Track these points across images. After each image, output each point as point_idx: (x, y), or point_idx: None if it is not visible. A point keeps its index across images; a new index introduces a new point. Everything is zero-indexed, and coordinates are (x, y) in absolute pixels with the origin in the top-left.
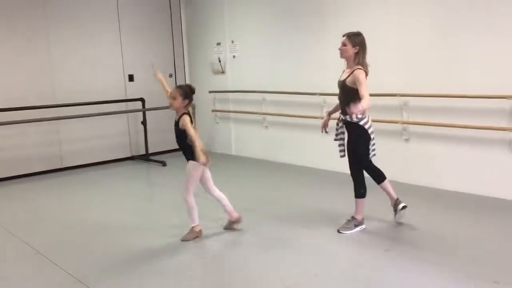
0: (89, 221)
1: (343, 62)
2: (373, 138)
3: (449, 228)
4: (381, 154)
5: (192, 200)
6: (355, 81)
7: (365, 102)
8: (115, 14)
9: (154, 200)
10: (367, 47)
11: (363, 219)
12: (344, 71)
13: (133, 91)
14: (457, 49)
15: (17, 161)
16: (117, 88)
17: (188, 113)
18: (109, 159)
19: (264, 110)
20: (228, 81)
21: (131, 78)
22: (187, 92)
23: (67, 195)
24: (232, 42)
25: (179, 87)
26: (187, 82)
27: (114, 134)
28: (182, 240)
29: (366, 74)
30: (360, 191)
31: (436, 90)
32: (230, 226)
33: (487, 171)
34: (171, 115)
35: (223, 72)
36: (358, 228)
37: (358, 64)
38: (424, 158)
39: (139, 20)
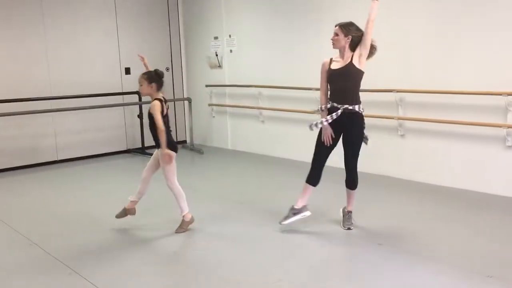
0: (84, 213)
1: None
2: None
3: (442, 223)
4: (376, 149)
5: (177, 186)
6: (361, 47)
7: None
8: (112, 6)
9: (148, 193)
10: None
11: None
12: (332, 61)
13: (129, 84)
14: (453, 45)
15: (12, 153)
16: (113, 81)
17: (160, 99)
18: (105, 152)
19: (260, 104)
20: (225, 75)
21: (127, 71)
22: (151, 76)
23: (62, 187)
24: (230, 36)
25: (144, 73)
26: (184, 76)
27: (110, 127)
28: (176, 232)
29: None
30: (356, 183)
31: (432, 86)
32: (123, 214)
33: (482, 167)
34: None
35: (220, 66)
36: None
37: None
38: (419, 154)
39: (136, 13)
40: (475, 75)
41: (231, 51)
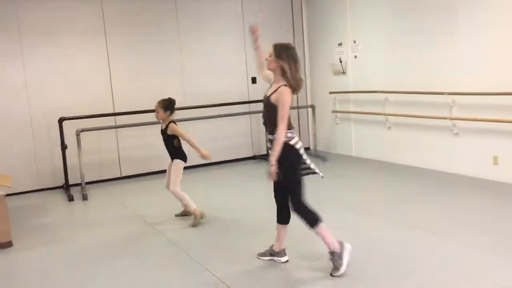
0: (214, 216)
1: (471, 60)
2: (306, 158)
3: None
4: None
5: (179, 190)
6: (278, 100)
7: (280, 137)
8: (240, 19)
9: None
10: (298, 61)
11: (342, 244)
12: (271, 85)
13: (255, 93)
14: None
15: (151, 159)
16: (240, 90)
17: (174, 122)
18: (233, 158)
19: (386, 110)
20: (349, 82)
21: (254, 80)
22: (167, 104)
23: (193, 191)
24: (354, 42)
25: (159, 102)
26: (308, 83)
27: (238, 134)
28: (193, 226)
29: (295, 90)
30: (313, 219)
31: None
32: (184, 214)
33: None
34: (292, 116)
35: (344, 72)
36: (344, 258)
37: (285, 79)
38: None
39: (262, 24)
40: None
41: (355, 56)
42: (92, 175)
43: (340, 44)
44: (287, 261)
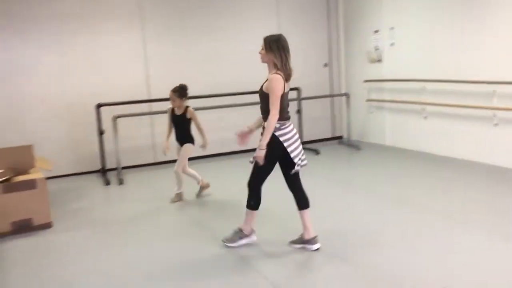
0: (235, 202)
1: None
2: (297, 150)
3: None
4: None
5: (182, 173)
6: (268, 87)
7: (271, 123)
8: (274, 5)
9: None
10: (288, 51)
11: (252, 232)
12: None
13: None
14: None
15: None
16: None
17: (189, 106)
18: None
19: (423, 99)
20: (385, 70)
21: None
22: (181, 92)
23: (221, 176)
24: (391, 29)
25: (173, 91)
26: (343, 71)
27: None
28: (171, 202)
29: (286, 80)
30: (253, 204)
31: None
32: (201, 192)
33: None
34: (325, 104)
35: (379, 60)
36: (244, 241)
37: (277, 70)
38: None
39: (296, 9)
40: None
41: (392, 44)
42: (127, 160)
43: (376, 32)
44: (318, 249)
